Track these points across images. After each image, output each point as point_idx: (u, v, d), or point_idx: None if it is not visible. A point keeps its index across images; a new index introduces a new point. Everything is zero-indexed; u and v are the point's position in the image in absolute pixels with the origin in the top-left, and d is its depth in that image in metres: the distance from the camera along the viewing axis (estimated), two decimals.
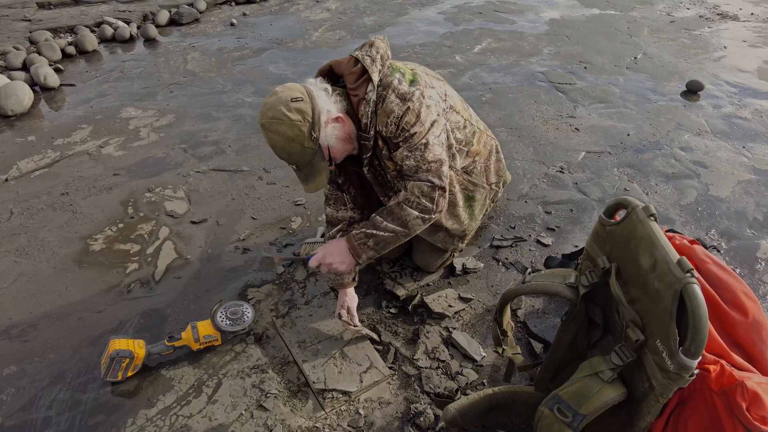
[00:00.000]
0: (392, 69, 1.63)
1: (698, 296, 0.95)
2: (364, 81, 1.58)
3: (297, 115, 1.46)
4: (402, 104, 1.56)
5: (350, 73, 1.59)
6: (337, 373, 1.72)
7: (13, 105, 3.27)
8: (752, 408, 1.02)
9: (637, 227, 1.13)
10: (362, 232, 1.66)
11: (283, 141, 1.48)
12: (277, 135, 1.47)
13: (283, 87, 1.52)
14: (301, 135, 1.47)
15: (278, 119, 1.46)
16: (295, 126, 1.46)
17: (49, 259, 2.19)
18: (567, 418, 1.12)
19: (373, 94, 1.56)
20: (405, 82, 1.61)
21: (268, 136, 1.49)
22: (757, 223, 2.47)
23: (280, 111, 1.46)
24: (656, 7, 5.81)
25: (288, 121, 1.46)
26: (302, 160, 1.53)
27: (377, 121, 1.59)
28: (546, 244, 2.29)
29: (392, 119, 1.57)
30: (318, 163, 1.54)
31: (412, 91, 1.59)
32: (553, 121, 3.34)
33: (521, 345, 1.86)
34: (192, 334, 1.73)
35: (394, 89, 1.58)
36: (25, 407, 1.62)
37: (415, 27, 4.99)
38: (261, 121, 1.49)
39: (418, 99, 1.58)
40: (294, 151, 1.50)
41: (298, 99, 1.48)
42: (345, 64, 1.62)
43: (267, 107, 1.48)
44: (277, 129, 1.46)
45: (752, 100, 3.68)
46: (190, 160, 2.88)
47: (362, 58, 1.60)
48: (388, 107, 1.57)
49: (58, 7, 5.10)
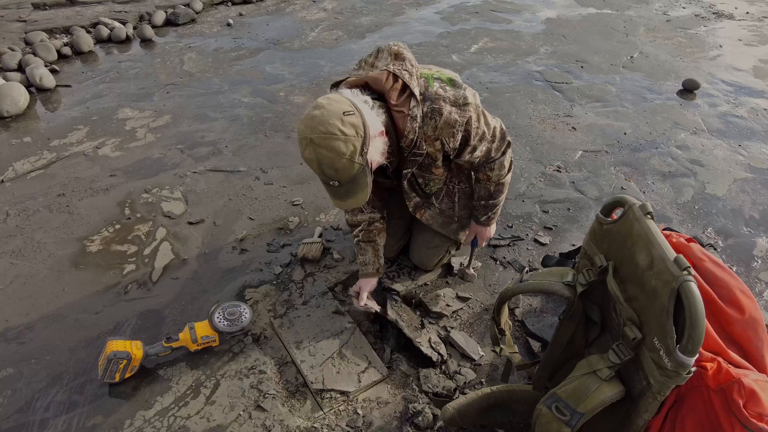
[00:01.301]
0: (427, 78, 1.60)
1: (695, 294, 0.95)
2: (408, 97, 1.53)
3: (351, 130, 1.38)
4: (462, 111, 1.57)
5: (392, 89, 1.53)
6: (335, 373, 1.72)
7: (9, 106, 3.25)
8: (749, 405, 1.02)
9: (634, 225, 1.14)
10: (491, 214, 1.92)
11: (333, 157, 1.37)
12: (329, 151, 1.36)
13: (327, 99, 1.42)
14: (354, 151, 1.38)
15: (332, 134, 1.35)
16: (349, 141, 1.37)
17: (46, 260, 2.19)
18: (565, 417, 1.13)
19: (417, 109, 1.54)
20: (447, 86, 1.59)
21: (316, 152, 1.37)
22: (753, 221, 2.48)
23: (334, 125, 1.35)
24: (652, 6, 5.83)
25: (342, 137, 1.36)
26: (347, 176, 1.43)
27: (442, 134, 1.57)
28: (543, 243, 2.29)
29: (458, 128, 1.57)
30: (362, 179, 1.46)
31: (461, 94, 1.58)
32: (550, 120, 3.34)
33: (519, 344, 1.86)
34: (190, 335, 1.73)
35: (445, 99, 1.56)
36: (22, 409, 1.62)
37: (411, 27, 4.99)
38: (310, 135, 1.36)
39: (471, 97, 1.59)
40: (343, 167, 1.40)
41: (350, 113, 1.39)
42: (384, 80, 1.54)
43: (316, 121, 1.36)
44: (330, 144, 1.35)
45: (748, 98, 3.70)
46: (187, 160, 2.88)
47: (401, 74, 1.55)
48: (450, 118, 1.55)
49: (53, 7, 5.08)
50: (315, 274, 2.10)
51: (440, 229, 1.98)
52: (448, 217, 1.97)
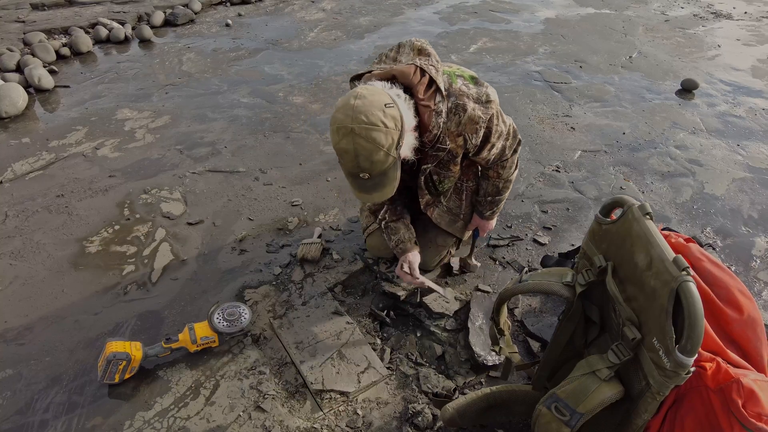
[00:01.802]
0: (449, 75, 1.60)
1: (694, 294, 0.95)
2: (434, 92, 1.54)
3: (391, 122, 1.37)
4: (485, 108, 1.59)
5: (420, 84, 1.52)
6: (335, 373, 1.72)
7: (7, 107, 3.25)
8: (748, 405, 1.02)
9: (633, 226, 1.14)
10: (495, 209, 1.96)
11: (372, 149, 1.35)
12: (369, 142, 1.34)
13: (367, 90, 1.40)
14: (392, 144, 1.38)
15: (374, 126, 1.34)
16: (389, 134, 1.36)
17: (45, 261, 2.18)
18: (565, 417, 1.13)
19: (443, 104, 1.54)
20: (471, 84, 1.61)
21: (355, 143, 1.35)
22: (751, 221, 2.49)
23: (376, 116, 1.34)
24: (651, 6, 5.83)
25: (384, 129, 1.35)
26: (380, 169, 1.41)
27: (466, 130, 1.59)
28: (542, 243, 2.29)
29: (481, 125, 1.59)
30: (392, 173, 1.45)
31: (484, 91, 1.60)
32: (549, 120, 3.35)
33: (518, 344, 1.87)
34: (189, 336, 1.73)
35: (468, 95, 1.57)
36: (21, 410, 1.62)
37: (410, 27, 4.99)
38: (351, 125, 1.34)
39: (493, 96, 1.61)
40: (378, 159, 1.38)
41: (391, 105, 1.39)
42: (412, 74, 1.53)
43: (358, 110, 1.34)
44: (371, 135, 1.34)
45: (746, 98, 3.70)
46: (186, 161, 2.88)
47: (428, 69, 1.55)
48: (474, 114, 1.56)
49: (51, 8, 5.08)
50: (314, 274, 2.10)
51: (446, 228, 1.99)
52: (454, 215, 1.98)
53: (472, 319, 1.90)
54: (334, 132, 1.38)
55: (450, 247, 2.07)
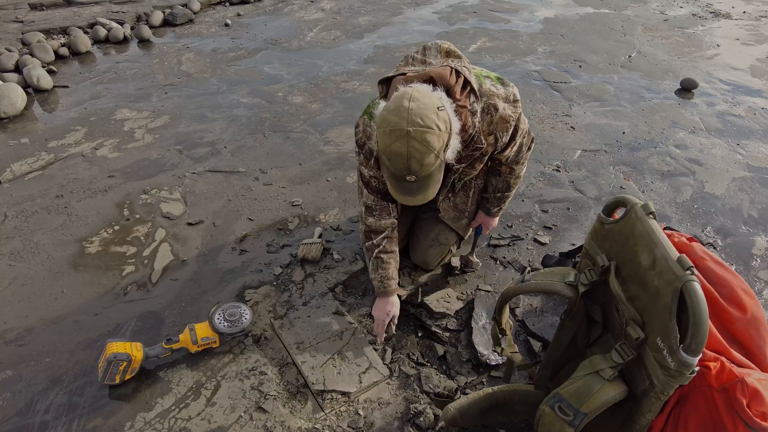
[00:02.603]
0: (477, 76, 1.63)
1: (699, 294, 0.95)
2: (468, 93, 1.56)
3: (444, 125, 1.36)
4: (514, 107, 1.64)
5: (456, 84, 1.53)
6: (336, 373, 1.71)
7: (6, 107, 3.24)
8: (752, 404, 1.02)
9: (636, 225, 1.14)
10: (500, 209, 1.99)
11: (425, 151, 1.34)
12: (423, 145, 1.33)
13: (418, 92, 1.38)
14: (442, 146, 1.37)
15: (430, 129, 1.33)
16: (442, 137, 1.36)
17: (44, 262, 2.18)
18: (568, 417, 1.12)
19: (477, 105, 1.57)
20: (497, 84, 1.64)
21: (409, 145, 1.32)
22: (752, 220, 2.49)
23: (431, 119, 1.33)
24: (650, 5, 5.83)
25: (437, 131, 1.34)
26: (427, 172, 1.39)
27: (498, 129, 1.63)
28: (543, 242, 2.29)
29: (511, 123, 1.64)
30: (437, 174, 1.43)
31: (511, 91, 1.65)
32: (549, 119, 3.34)
33: (520, 344, 1.86)
34: (190, 337, 1.72)
35: (498, 95, 1.61)
36: (21, 412, 1.61)
37: (409, 27, 4.99)
38: (407, 128, 1.31)
39: (519, 96, 1.66)
40: (429, 162, 1.36)
41: (442, 108, 1.38)
42: (449, 76, 1.53)
43: (413, 113, 1.32)
44: (427, 139, 1.32)
45: (745, 97, 3.71)
46: (186, 161, 2.87)
47: (462, 70, 1.56)
48: (505, 113, 1.61)
49: (50, 8, 5.06)
50: (315, 274, 2.10)
51: (450, 223, 2.00)
52: (459, 212, 1.99)
53: (475, 319, 1.90)
54: (386, 134, 1.35)
55: (452, 245, 2.06)
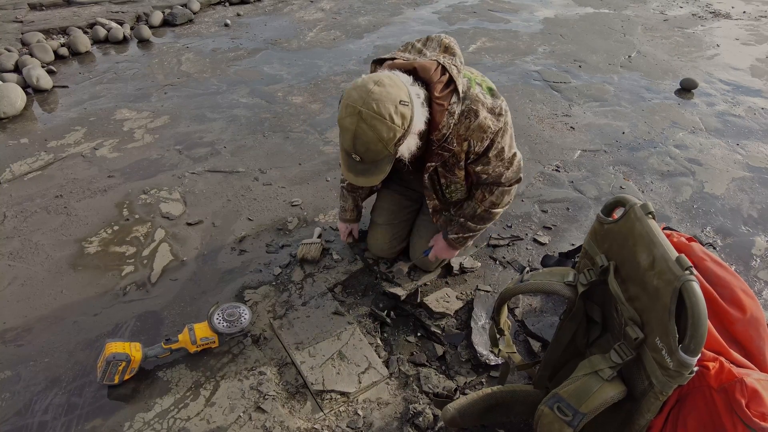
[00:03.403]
0: (468, 79, 1.60)
1: (698, 294, 0.95)
2: (450, 92, 1.54)
3: (399, 120, 1.38)
4: (497, 120, 1.58)
5: (438, 81, 1.53)
6: (336, 374, 1.71)
7: (6, 107, 3.24)
8: (751, 404, 1.02)
9: (636, 225, 1.14)
10: (461, 237, 1.88)
11: (372, 137, 1.38)
12: (371, 130, 1.37)
13: (390, 79, 1.41)
14: (392, 139, 1.40)
15: (381, 117, 1.36)
16: (392, 130, 1.38)
17: (44, 262, 2.17)
18: (567, 417, 1.12)
19: (457, 106, 1.53)
20: (487, 94, 1.60)
21: (358, 125, 1.37)
22: (751, 220, 2.49)
23: (387, 109, 1.36)
24: (649, 5, 5.83)
25: (390, 123, 1.37)
26: (373, 158, 1.44)
27: (472, 136, 1.58)
28: (543, 242, 2.29)
29: (488, 134, 1.58)
30: (384, 165, 1.48)
31: (499, 104, 1.60)
32: (549, 119, 3.34)
33: (519, 344, 1.86)
34: (189, 337, 1.72)
35: (483, 103, 1.57)
36: (20, 412, 1.61)
37: (409, 27, 4.98)
38: (360, 108, 1.35)
39: (506, 112, 1.61)
40: (375, 150, 1.41)
41: (406, 103, 1.40)
42: (433, 71, 1.53)
43: (372, 97, 1.36)
44: (375, 125, 1.36)
45: (745, 97, 3.70)
46: (185, 161, 2.87)
47: (450, 68, 1.54)
48: (484, 123, 1.56)
49: (50, 8, 5.06)
50: (314, 274, 2.10)
51: None
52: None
53: (475, 319, 1.90)
54: (344, 107, 1.40)
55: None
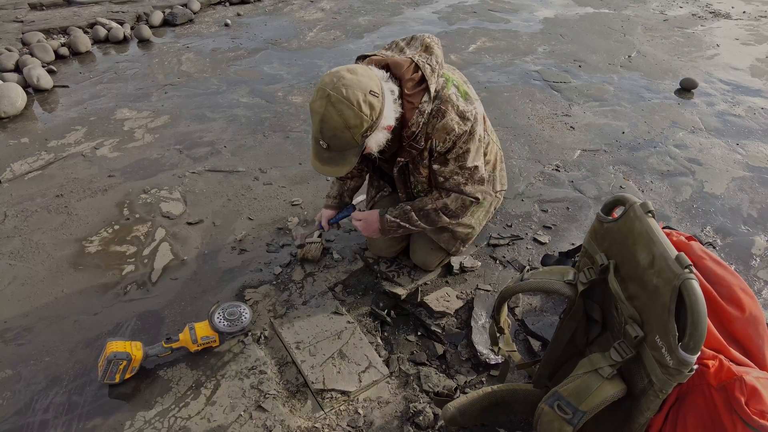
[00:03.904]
0: (446, 80, 1.60)
1: (697, 292, 0.95)
2: (422, 90, 1.54)
3: (367, 110, 1.40)
4: (463, 123, 1.58)
5: (410, 79, 1.54)
6: (336, 373, 1.71)
7: (6, 107, 3.24)
8: (751, 402, 1.02)
9: (635, 224, 1.14)
10: (396, 222, 1.80)
11: (339, 123, 1.40)
12: (338, 115, 1.39)
13: (363, 69, 1.45)
14: (358, 127, 1.41)
15: (350, 102, 1.38)
16: (360, 118, 1.40)
17: (44, 261, 2.18)
18: (567, 415, 1.13)
19: (428, 105, 1.54)
20: (461, 97, 1.60)
21: (326, 109, 1.39)
22: (751, 220, 2.49)
23: (356, 96, 1.38)
24: (649, 5, 5.84)
25: (357, 110, 1.39)
26: (339, 147, 1.45)
27: (435, 136, 1.58)
28: (543, 242, 2.29)
29: (451, 137, 1.58)
30: (350, 156, 1.48)
31: (470, 109, 1.60)
32: (549, 119, 3.35)
33: (519, 343, 1.86)
34: (190, 336, 1.72)
35: (454, 105, 1.57)
36: (21, 411, 1.61)
37: (409, 27, 4.99)
38: (330, 91, 1.39)
39: (475, 119, 1.60)
40: (341, 136, 1.42)
41: (376, 94, 1.42)
42: (405, 68, 1.55)
43: (343, 82, 1.39)
44: (342, 110, 1.38)
45: (745, 97, 3.71)
46: (186, 161, 2.87)
47: (423, 67, 1.55)
48: (449, 125, 1.56)
49: (50, 8, 5.06)
50: (315, 274, 2.10)
51: (432, 236, 1.98)
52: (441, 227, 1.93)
53: (475, 318, 1.90)
54: (315, 90, 1.44)
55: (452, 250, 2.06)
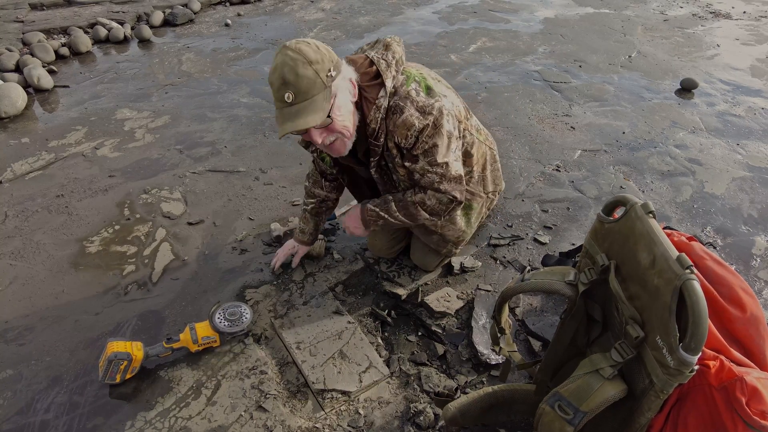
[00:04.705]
0: (407, 76, 1.59)
1: (698, 292, 0.95)
2: (377, 85, 1.54)
3: (325, 51, 1.43)
4: (423, 118, 1.55)
5: (365, 73, 1.54)
6: (337, 373, 1.71)
7: (7, 107, 3.25)
8: (751, 403, 1.02)
9: (636, 224, 1.14)
10: (375, 212, 1.76)
11: (299, 60, 1.37)
12: (297, 54, 1.37)
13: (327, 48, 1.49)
14: (320, 63, 1.39)
15: (306, 43, 1.41)
16: (319, 54, 1.40)
17: (45, 261, 2.18)
18: (568, 416, 1.13)
19: (384, 100, 1.53)
20: (422, 92, 1.58)
21: (285, 55, 1.38)
22: (751, 220, 2.49)
23: (312, 43, 1.42)
24: (650, 5, 5.84)
25: (315, 48, 1.40)
26: (306, 91, 1.39)
27: (396, 132, 1.57)
28: (543, 242, 2.29)
29: (413, 132, 1.56)
30: (320, 102, 1.41)
31: (431, 103, 1.57)
32: (549, 119, 3.35)
33: (520, 343, 1.86)
34: (190, 336, 1.73)
35: (413, 101, 1.55)
36: (22, 411, 1.61)
37: (409, 27, 4.99)
38: (286, 43, 1.41)
39: (438, 111, 1.57)
40: (304, 74, 1.37)
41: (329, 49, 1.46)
42: (360, 63, 1.56)
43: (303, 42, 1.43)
44: (301, 48, 1.38)
45: (745, 97, 3.71)
46: (186, 161, 2.87)
47: (378, 62, 1.55)
48: (408, 120, 1.54)
49: (50, 8, 5.07)
50: (315, 274, 2.10)
51: (421, 237, 1.97)
52: (429, 229, 1.92)
53: (475, 318, 1.90)
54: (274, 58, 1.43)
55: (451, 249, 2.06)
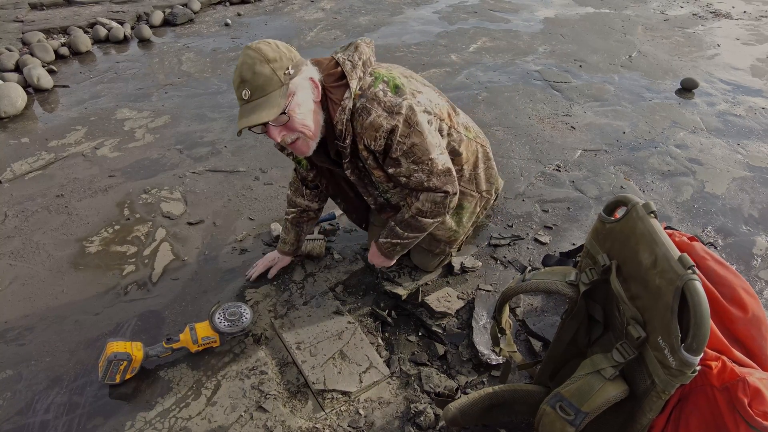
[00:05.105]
0: (375, 78, 1.57)
1: (700, 293, 0.95)
2: (342, 86, 1.52)
3: (285, 50, 1.45)
4: (391, 118, 1.51)
5: (329, 74, 1.53)
6: (337, 373, 1.71)
7: (6, 107, 3.24)
8: (754, 403, 1.02)
9: (638, 224, 1.14)
10: (388, 242, 1.81)
11: (257, 58, 1.40)
12: (257, 53, 1.41)
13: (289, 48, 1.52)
14: (278, 61, 1.41)
15: (267, 43, 1.43)
16: (277, 53, 1.42)
17: (45, 261, 2.17)
18: (569, 416, 1.12)
19: (349, 102, 1.51)
20: (390, 92, 1.55)
21: (245, 54, 1.42)
22: (752, 220, 2.49)
23: (272, 43, 1.45)
24: (650, 5, 5.83)
25: (275, 47, 1.43)
26: (262, 88, 1.41)
27: (365, 134, 1.53)
28: (544, 242, 2.29)
29: (381, 134, 1.52)
30: (276, 98, 1.42)
31: (399, 102, 1.52)
32: (549, 119, 3.34)
33: (520, 343, 1.86)
34: (190, 336, 1.72)
35: (380, 102, 1.51)
36: (21, 411, 1.61)
37: (409, 26, 4.99)
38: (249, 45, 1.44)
39: (407, 109, 1.53)
40: (261, 72, 1.40)
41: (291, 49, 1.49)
42: (325, 64, 1.56)
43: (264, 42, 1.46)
44: (260, 48, 1.41)
45: (746, 97, 3.70)
46: (186, 161, 2.87)
47: (343, 63, 1.54)
48: (376, 122, 1.50)
49: (50, 7, 5.06)
50: (315, 274, 2.10)
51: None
52: None
53: (476, 318, 1.90)
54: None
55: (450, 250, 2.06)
